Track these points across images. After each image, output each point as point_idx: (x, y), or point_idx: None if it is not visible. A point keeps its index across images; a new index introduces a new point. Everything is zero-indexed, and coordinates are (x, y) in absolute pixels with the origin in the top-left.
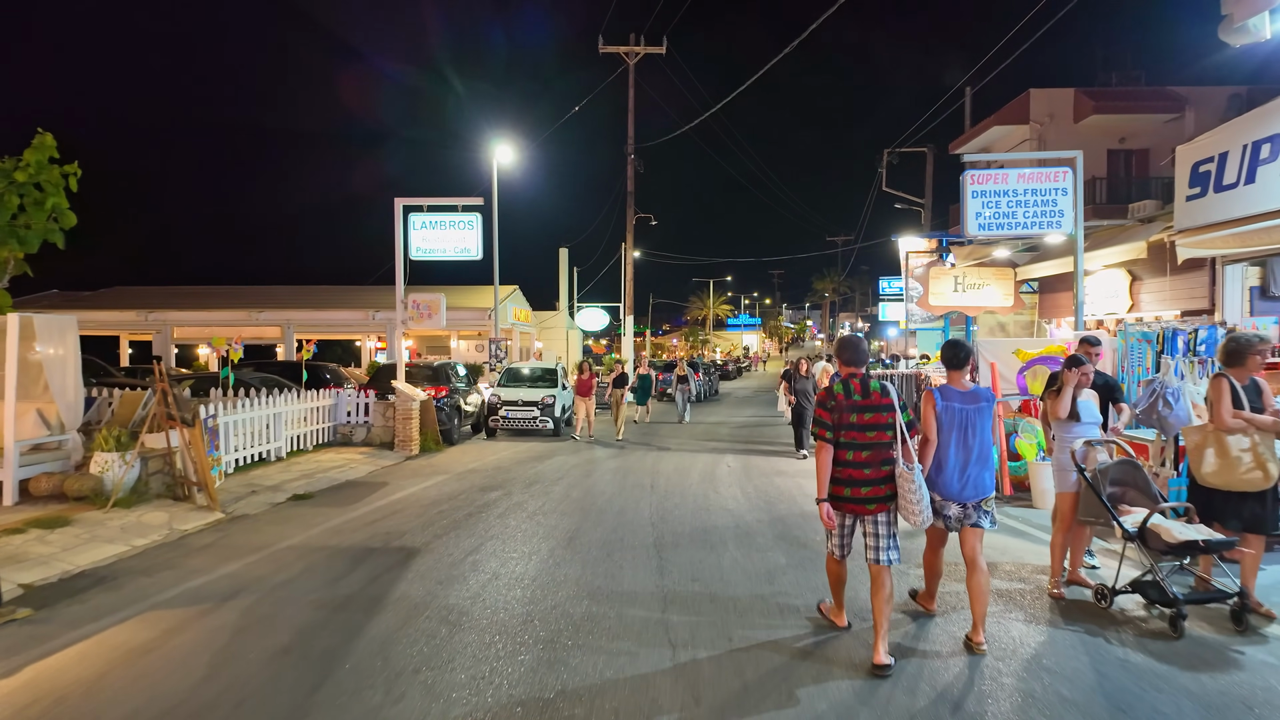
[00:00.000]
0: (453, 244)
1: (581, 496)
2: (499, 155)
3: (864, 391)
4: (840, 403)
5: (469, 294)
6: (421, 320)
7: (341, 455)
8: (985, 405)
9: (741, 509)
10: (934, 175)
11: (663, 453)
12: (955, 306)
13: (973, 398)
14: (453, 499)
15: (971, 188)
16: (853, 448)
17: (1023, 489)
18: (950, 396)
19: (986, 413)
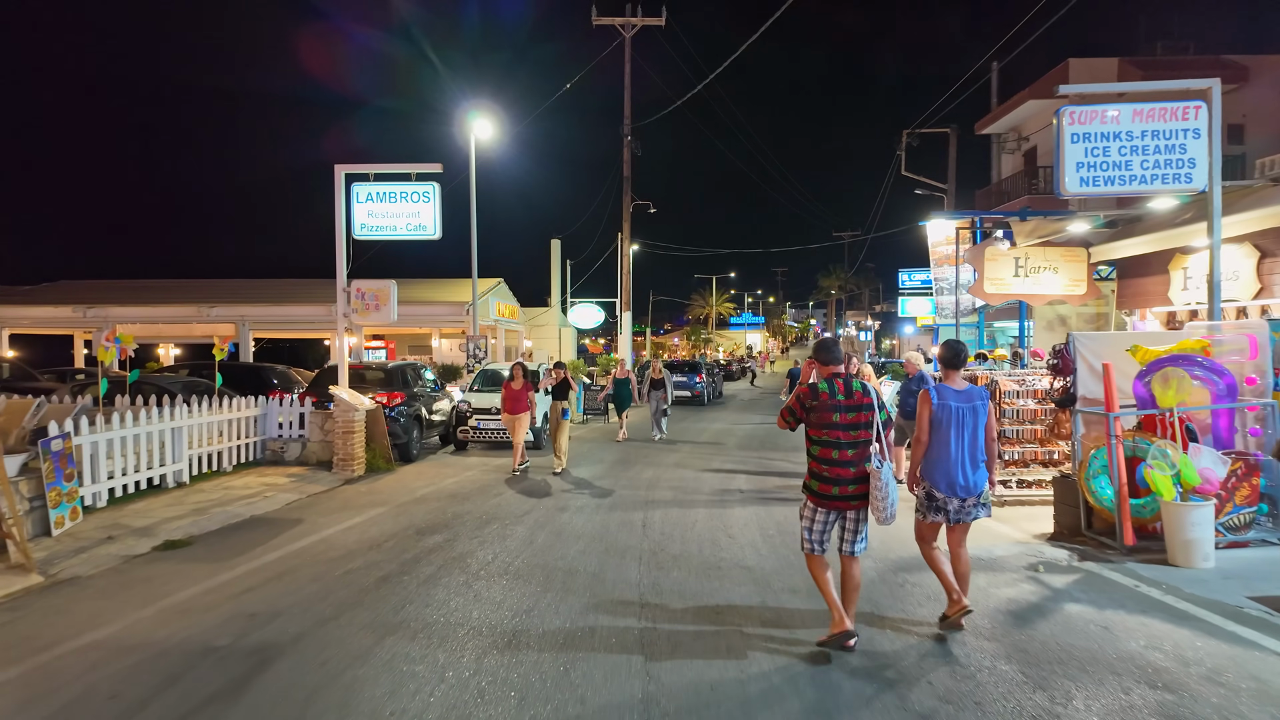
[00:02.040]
0: (405, 219)
1: (547, 545)
2: (477, 129)
3: (847, 391)
4: (824, 402)
5: (445, 287)
6: (368, 313)
7: (263, 479)
8: (980, 404)
9: (767, 569)
10: (957, 159)
11: (658, 473)
12: (1016, 294)
13: (968, 396)
14: (376, 547)
15: (1071, 129)
16: (838, 446)
17: (1147, 534)
18: (946, 396)
19: (982, 411)
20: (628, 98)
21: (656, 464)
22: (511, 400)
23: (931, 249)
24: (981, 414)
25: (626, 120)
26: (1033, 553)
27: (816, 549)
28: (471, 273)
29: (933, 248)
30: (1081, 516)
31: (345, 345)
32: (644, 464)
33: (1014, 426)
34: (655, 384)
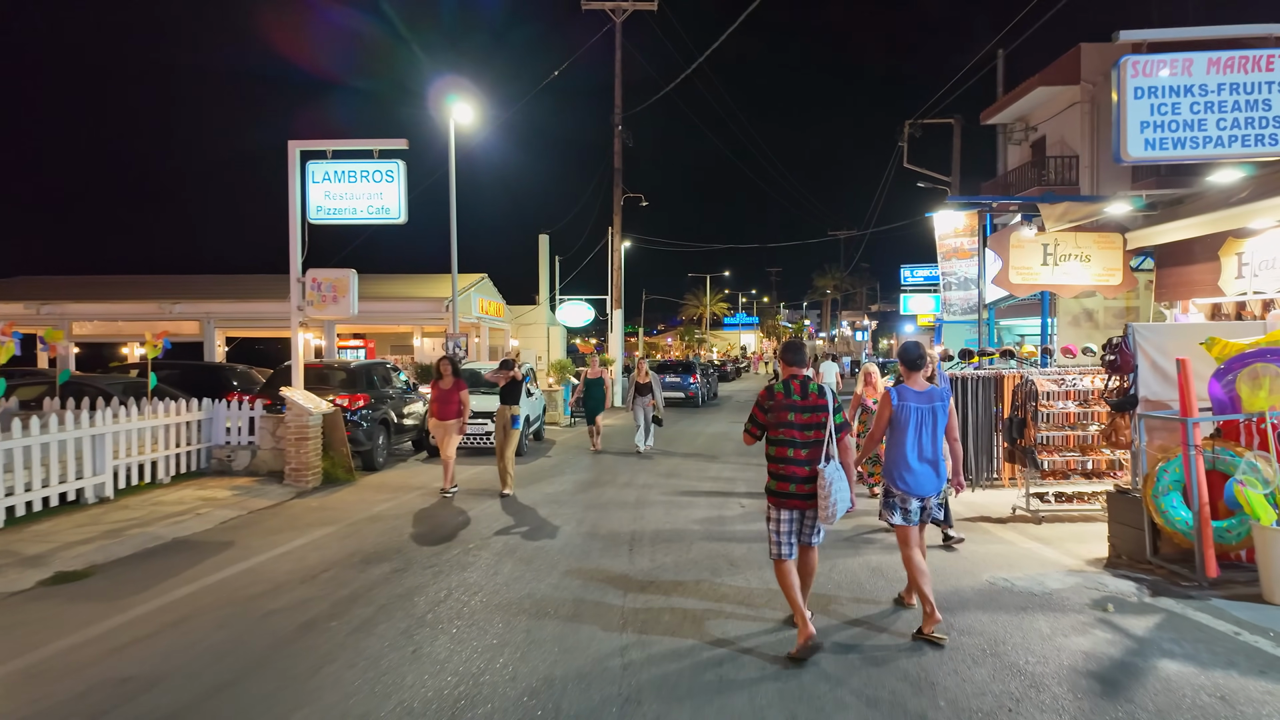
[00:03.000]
0: (365, 201)
1: (512, 577)
2: (457, 114)
3: (803, 392)
4: (779, 401)
5: (424, 283)
6: (325, 305)
7: (202, 492)
8: (940, 404)
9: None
10: (961, 151)
11: (633, 496)
12: (1045, 285)
13: (928, 397)
14: (310, 580)
15: (1134, 82)
16: (793, 445)
17: (1228, 562)
18: (907, 396)
19: (941, 412)
20: (618, 86)
21: (633, 483)
22: (440, 403)
23: (939, 242)
24: (941, 415)
25: (617, 109)
26: (1093, 585)
27: (785, 554)
28: (451, 267)
29: (940, 240)
30: (1146, 540)
31: (300, 342)
32: (617, 484)
33: (1051, 432)
34: (641, 389)
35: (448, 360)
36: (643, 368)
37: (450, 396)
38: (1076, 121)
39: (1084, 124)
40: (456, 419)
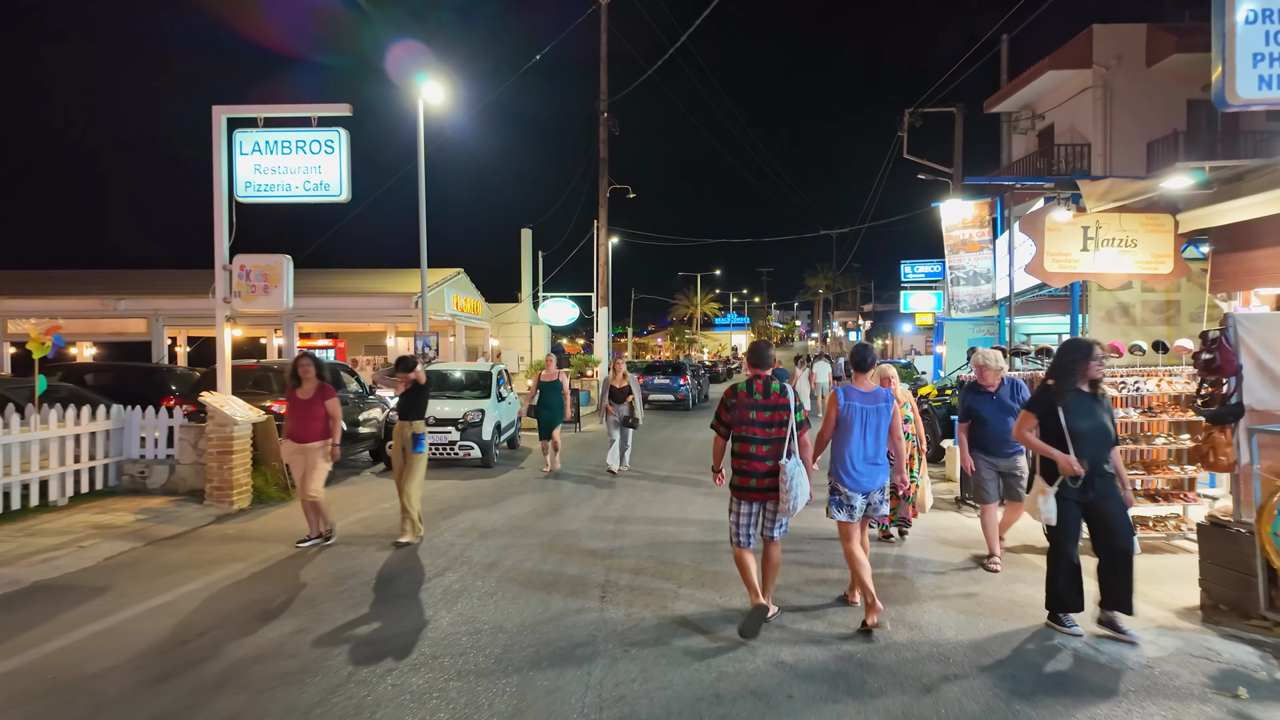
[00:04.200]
0: (302, 176)
1: (448, 636)
2: (427, 94)
3: (765, 391)
4: (741, 400)
5: (393, 278)
6: (254, 296)
7: (101, 517)
8: (884, 405)
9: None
10: (964, 140)
11: (615, 540)
12: (1086, 274)
13: (873, 398)
14: (175, 651)
15: (1246, 2)
16: (754, 441)
17: None
18: (853, 396)
19: (886, 411)
20: (604, 70)
21: (602, 516)
22: (296, 419)
23: (946, 233)
24: (885, 414)
25: (603, 95)
26: (1199, 650)
27: (743, 543)
28: (420, 260)
29: (947, 232)
30: (1260, 589)
31: (227, 339)
32: (582, 515)
33: None
34: (617, 394)
35: (308, 359)
36: (619, 369)
37: (311, 410)
38: (1088, 107)
39: (1096, 109)
40: (321, 441)
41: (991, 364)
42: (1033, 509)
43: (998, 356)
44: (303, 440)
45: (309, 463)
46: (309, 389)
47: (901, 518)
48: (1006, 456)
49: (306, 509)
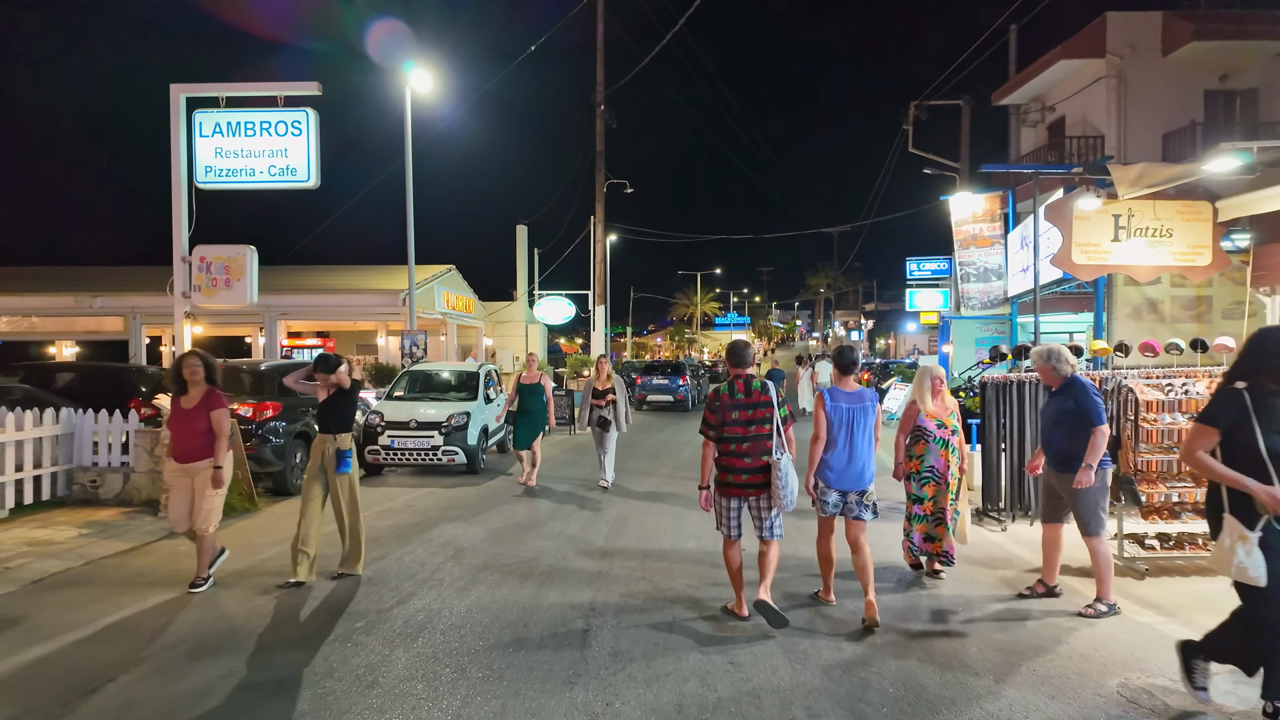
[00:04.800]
0: (266, 161)
1: (402, 682)
2: (414, 83)
3: (746, 391)
4: (724, 401)
5: (381, 275)
6: (215, 291)
7: (40, 532)
8: (869, 405)
9: None
10: (970, 134)
11: (612, 542)
12: (1117, 265)
13: (858, 398)
14: (72, 703)
15: None
16: (735, 440)
17: None
18: (838, 398)
19: (870, 412)
20: (600, 61)
21: (581, 531)
22: (179, 433)
23: (955, 228)
24: (870, 414)
25: (599, 87)
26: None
27: (729, 534)
28: (408, 254)
29: (956, 226)
30: None
31: (187, 337)
32: (556, 533)
33: (1155, 455)
34: (598, 397)
35: (195, 359)
36: (603, 369)
37: (193, 421)
38: (1101, 98)
39: (1110, 100)
40: (207, 460)
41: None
42: (1225, 563)
43: (1066, 353)
44: (185, 459)
45: (195, 487)
46: (194, 396)
47: (945, 551)
48: (1060, 469)
49: (200, 548)
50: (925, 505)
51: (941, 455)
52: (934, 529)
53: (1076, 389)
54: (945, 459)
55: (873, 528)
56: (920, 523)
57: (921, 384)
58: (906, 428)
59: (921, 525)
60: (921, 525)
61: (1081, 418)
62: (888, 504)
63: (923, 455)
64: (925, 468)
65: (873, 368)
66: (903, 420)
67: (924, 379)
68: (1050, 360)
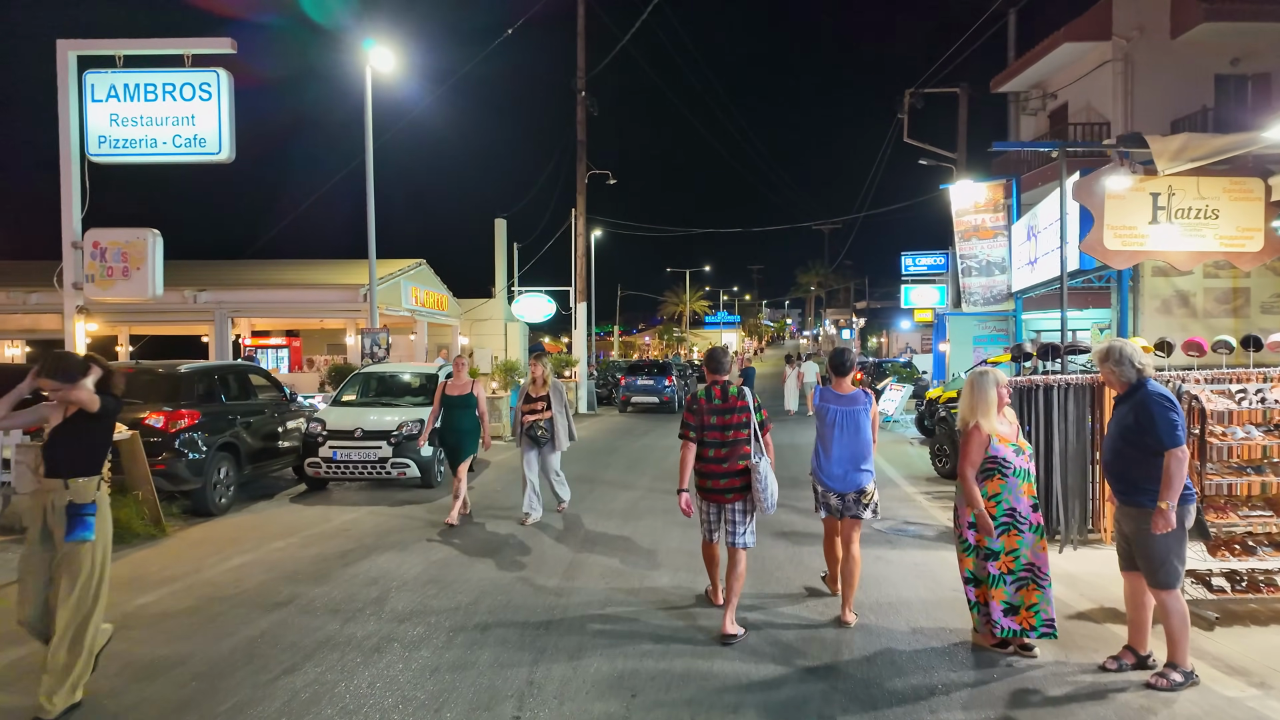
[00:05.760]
0: (170, 130)
1: None
2: (375, 61)
3: (724, 396)
4: (702, 406)
5: (341, 269)
6: (111, 281)
7: None
8: (862, 408)
9: None
10: (968, 123)
11: (570, 581)
12: (1157, 251)
13: (851, 400)
14: None
15: None
16: (713, 445)
17: None
18: (829, 398)
19: (864, 414)
20: (581, 45)
21: (535, 563)
22: None
23: (956, 219)
24: (864, 417)
25: (580, 72)
26: None
27: (710, 538)
28: (368, 245)
29: (957, 217)
30: None
31: (79, 333)
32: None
33: (1227, 477)
34: (534, 408)
35: None
36: (537, 372)
37: None
38: (1107, 83)
39: (1116, 85)
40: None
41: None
42: None
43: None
44: None
45: None
46: None
47: (1046, 619)
48: (1124, 503)
49: None
50: (1003, 562)
51: (1024, 492)
52: (1021, 593)
53: (1139, 399)
54: (1028, 496)
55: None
56: (998, 586)
57: (982, 395)
58: (975, 459)
59: (1000, 590)
60: (1000, 590)
61: (1145, 437)
62: (892, 523)
63: (999, 495)
64: (1004, 511)
65: (865, 367)
66: (966, 449)
67: (985, 388)
68: (1110, 361)
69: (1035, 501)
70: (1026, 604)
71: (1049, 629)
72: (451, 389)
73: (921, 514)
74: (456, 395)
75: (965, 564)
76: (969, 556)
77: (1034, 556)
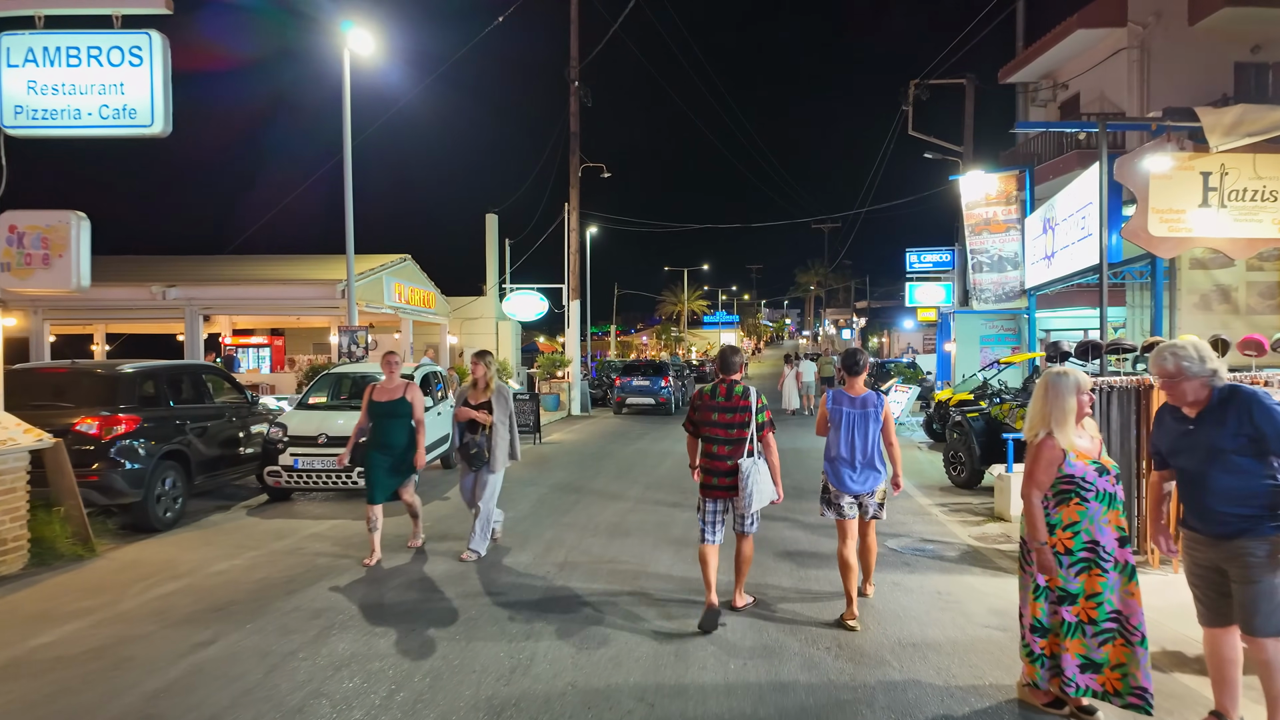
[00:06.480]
0: (98, 99)
1: None
2: (353, 43)
3: (728, 395)
4: (706, 402)
5: (319, 264)
6: (29, 271)
7: None
8: (873, 410)
9: None
10: (975, 114)
11: (538, 616)
12: (1206, 239)
13: (862, 403)
14: None
15: None
16: (717, 442)
17: None
18: (840, 400)
19: (874, 417)
20: (574, 32)
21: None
22: None
23: (966, 212)
24: (875, 418)
25: (573, 61)
26: None
27: (708, 539)
28: (346, 238)
29: (967, 210)
30: None
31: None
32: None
33: None
34: (471, 426)
35: None
36: (478, 373)
37: None
38: (1122, 71)
39: (1131, 74)
40: None
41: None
42: None
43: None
44: None
45: None
46: None
47: (1136, 687)
48: (1226, 536)
49: None
50: (1082, 608)
51: (1110, 522)
52: (1106, 649)
53: (1243, 405)
54: (1114, 527)
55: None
56: (1075, 636)
57: (1058, 401)
58: (1043, 479)
59: (1077, 642)
60: (1077, 642)
61: (1264, 450)
62: (908, 540)
63: (1077, 524)
64: (1083, 545)
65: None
66: (1033, 468)
67: (1062, 394)
68: (1176, 362)
69: (1124, 534)
70: (1112, 663)
71: (1140, 699)
72: (379, 393)
73: (939, 529)
74: (384, 403)
75: (1033, 610)
76: (1039, 601)
77: (1122, 603)
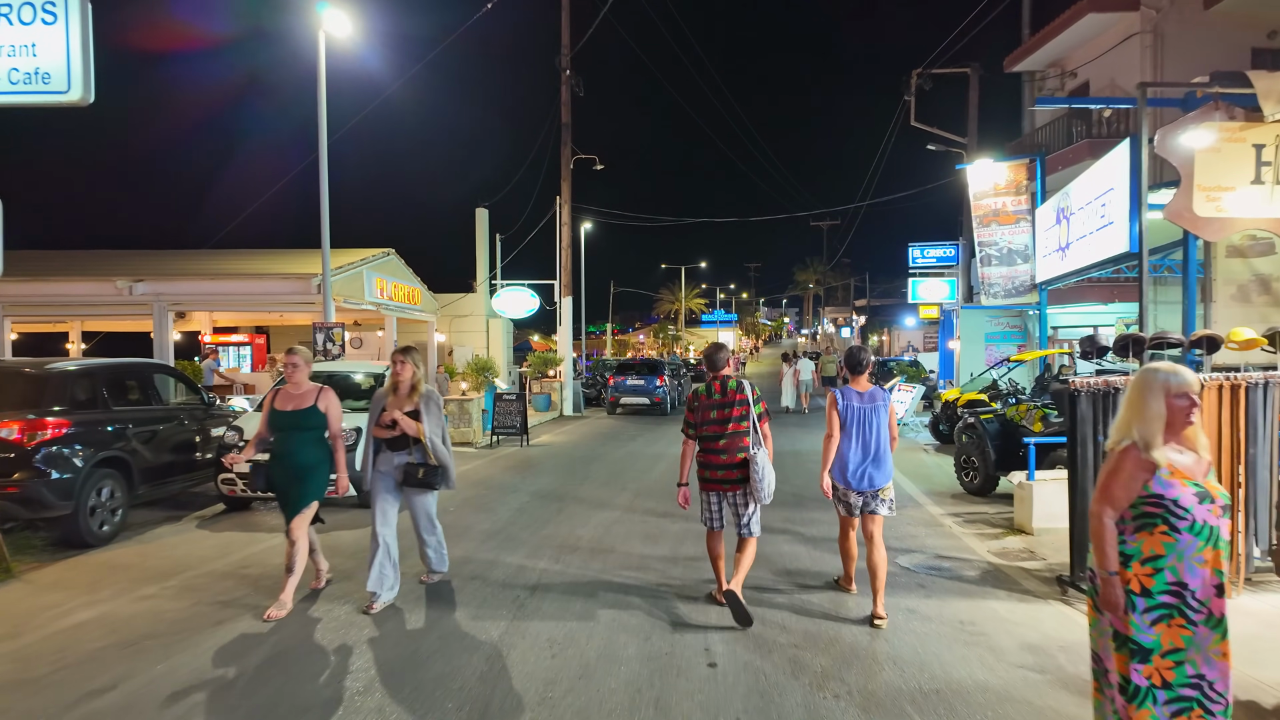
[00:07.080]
0: (6, 61)
1: None
2: (329, 24)
3: (723, 391)
4: (703, 401)
5: (295, 259)
6: None
7: None
8: (880, 405)
9: None
10: (979, 105)
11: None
12: (1260, 221)
13: (870, 398)
14: None
15: None
16: (714, 438)
17: None
18: (850, 397)
19: (881, 412)
20: (565, 19)
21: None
22: None
23: (974, 203)
24: (882, 414)
25: (564, 49)
26: None
27: (713, 525)
28: (321, 230)
29: (975, 201)
30: None
31: None
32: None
33: None
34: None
35: None
36: (404, 375)
37: None
38: (1135, 58)
39: (1144, 60)
40: None
41: None
42: None
43: None
44: None
45: None
46: None
47: None
48: None
49: None
50: (1158, 666)
51: (1206, 562)
52: None
53: None
54: (1212, 570)
55: None
56: (1145, 705)
57: (1143, 404)
58: (1119, 495)
59: (1146, 713)
60: (1146, 713)
61: None
62: (921, 557)
63: (1161, 559)
64: (1165, 586)
65: None
66: (1108, 481)
67: (1146, 394)
68: None
69: (1223, 581)
70: None
71: None
72: (282, 401)
73: (954, 544)
74: (289, 412)
75: (1117, 664)
76: (1121, 653)
77: (1206, 665)
